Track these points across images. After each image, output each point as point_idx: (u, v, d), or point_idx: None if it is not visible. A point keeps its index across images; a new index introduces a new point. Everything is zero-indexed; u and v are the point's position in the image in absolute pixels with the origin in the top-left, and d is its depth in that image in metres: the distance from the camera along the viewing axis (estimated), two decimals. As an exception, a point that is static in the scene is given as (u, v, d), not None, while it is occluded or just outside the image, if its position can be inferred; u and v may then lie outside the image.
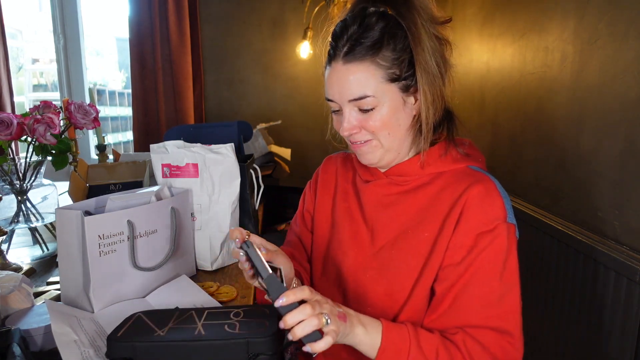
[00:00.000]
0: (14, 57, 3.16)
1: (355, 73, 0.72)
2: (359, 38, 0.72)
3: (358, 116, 0.75)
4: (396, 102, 0.74)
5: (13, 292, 0.80)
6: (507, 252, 0.71)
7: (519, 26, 1.66)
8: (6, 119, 1.05)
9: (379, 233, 0.81)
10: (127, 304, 0.86)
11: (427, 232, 0.76)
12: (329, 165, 0.97)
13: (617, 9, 1.18)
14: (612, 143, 1.21)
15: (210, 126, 1.59)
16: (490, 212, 0.72)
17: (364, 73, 0.72)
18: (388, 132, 0.76)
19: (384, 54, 0.72)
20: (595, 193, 1.28)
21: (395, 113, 0.74)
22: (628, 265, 1.10)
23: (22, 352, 0.64)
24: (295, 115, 2.66)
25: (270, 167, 2.09)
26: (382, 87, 0.73)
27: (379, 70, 0.72)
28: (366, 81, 0.72)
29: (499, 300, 0.70)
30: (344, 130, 0.76)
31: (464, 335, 0.69)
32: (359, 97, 0.73)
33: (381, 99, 0.73)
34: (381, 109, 0.74)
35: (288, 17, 2.62)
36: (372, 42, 0.71)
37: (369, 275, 0.80)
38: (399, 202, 0.80)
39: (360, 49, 0.72)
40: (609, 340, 1.18)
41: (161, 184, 1.06)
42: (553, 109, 1.47)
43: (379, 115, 0.74)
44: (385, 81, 0.72)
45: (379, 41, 0.71)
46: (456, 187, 0.75)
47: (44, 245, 1.17)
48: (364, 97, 0.73)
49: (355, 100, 0.73)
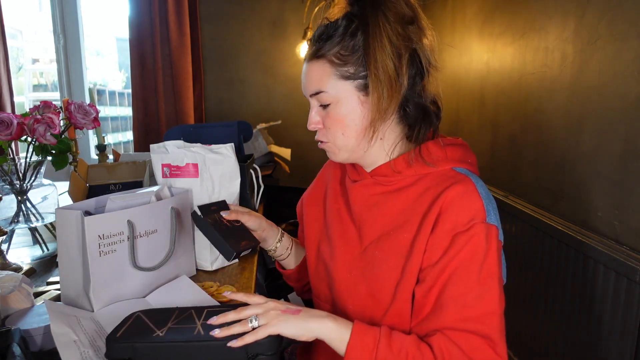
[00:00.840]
0: (14, 57, 3.16)
1: (313, 69, 0.78)
2: (323, 37, 0.77)
3: (321, 111, 0.80)
4: (351, 101, 0.76)
5: (13, 292, 0.80)
6: (485, 253, 0.69)
7: (519, 26, 1.66)
8: (6, 119, 1.05)
9: (365, 233, 0.81)
10: (127, 304, 0.86)
11: (406, 233, 0.76)
12: (326, 167, 1.00)
13: (617, 9, 1.18)
14: (612, 143, 1.21)
15: (210, 126, 1.59)
16: (467, 212, 0.71)
17: (319, 70, 0.77)
18: (342, 132, 0.78)
19: (340, 52, 0.75)
20: (595, 193, 1.28)
21: (351, 112, 0.77)
22: (628, 265, 1.10)
23: (22, 352, 0.64)
24: (295, 115, 2.67)
25: (270, 167, 2.09)
26: (335, 84, 0.76)
27: (332, 68, 0.75)
28: (320, 77, 0.77)
29: (476, 301, 0.68)
30: (308, 124, 0.82)
31: (440, 338, 0.68)
32: (315, 92, 0.78)
33: (336, 96, 0.76)
34: (337, 105, 0.77)
35: (288, 17, 2.62)
36: (333, 40, 0.75)
37: (353, 275, 0.81)
38: (383, 202, 0.80)
39: (322, 46, 0.76)
40: (609, 340, 1.18)
41: (161, 184, 1.06)
42: (553, 109, 1.47)
43: (335, 111, 0.77)
44: (338, 78, 0.76)
45: (338, 41, 0.75)
46: (436, 189, 0.75)
47: (44, 245, 1.17)
48: (319, 92, 0.77)
49: (313, 95, 0.79)
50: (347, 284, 0.82)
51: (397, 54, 0.72)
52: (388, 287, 0.76)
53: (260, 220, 0.95)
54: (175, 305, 0.84)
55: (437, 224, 0.72)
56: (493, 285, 0.69)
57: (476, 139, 2.03)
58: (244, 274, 1.07)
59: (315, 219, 0.93)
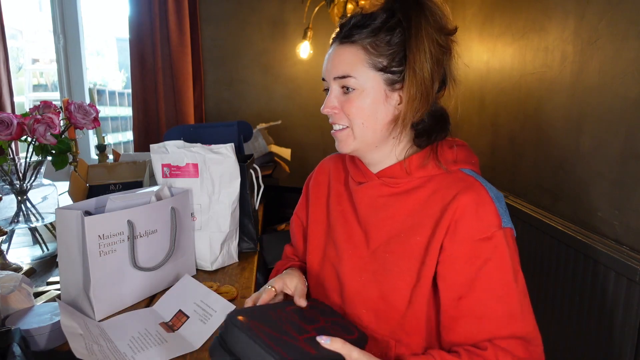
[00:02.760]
0: (14, 57, 3.16)
1: (344, 53, 0.76)
2: (359, 25, 0.76)
3: (340, 97, 0.78)
4: (377, 93, 0.76)
5: (13, 292, 0.80)
6: (512, 258, 0.72)
7: (519, 26, 1.66)
8: (6, 119, 1.05)
9: (373, 235, 0.81)
10: (133, 315, 0.86)
11: (418, 236, 0.76)
12: (322, 168, 0.97)
13: (617, 9, 1.18)
14: (612, 143, 1.21)
15: (210, 126, 1.59)
16: (484, 219, 0.72)
17: (351, 54, 0.76)
18: (362, 122, 0.77)
19: (376, 42, 0.74)
20: (595, 193, 1.28)
21: (374, 103, 0.76)
22: (628, 265, 1.10)
23: (22, 352, 0.64)
24: (295, 115, 2.66)
25: (270, 167, 2.09)
26: (366, 72, 0.75)
27: (366, 55, 0.75)
28: (351, 62, 0.75)
29: (519, 307, 0.70)
30: (325, 106, 0.79)
31: (494, 349, 0.68)
32: (341, 76, 0.76)
33: (363, 84, 0.75)
34: (361, 94, 0.76)
35: (288, 17, 2.62)
36: (369, 30, 0.75)
37: (364, 278, 0.80)
38: (391, 204, 0.80)
39: (356, 33, 0.76)
40: (609, 340, 1.18)
41: (161, 184, 1.06)
42: (553, 109, 1.47)
43: (358, 100, 0.76)
44: (369, 67, 0.75)
45: (375, 30, 0.74)
46: (447, 192, 0.75)
47: (44, 245, 1.17)
48: (346, 77, 0.76)
49: (339, 78, 0.77)
50: (358, 288, 0.80)
51: (435, 60, 0.73)
52: (402, 290, 0.75)
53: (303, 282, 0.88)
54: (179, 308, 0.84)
55: (454, 232, 0.72)
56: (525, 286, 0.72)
57: (476, 139, 2.03)
58: (244, 274, 1.07)
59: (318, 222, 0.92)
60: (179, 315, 0.84)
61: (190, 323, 0.82)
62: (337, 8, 2.11)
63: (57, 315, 0.76)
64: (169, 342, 0.77)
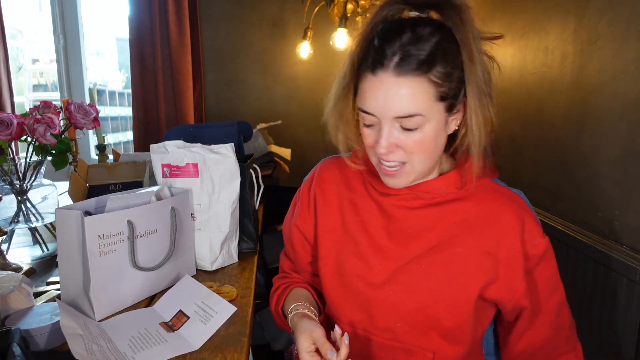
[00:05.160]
0: (14, 57, 3.15)
1: (407, 88, 0.65)
2: (412, 49, 0.64)
3: (399, 134, 0.68)
4: (440, 123, 0.68)
5: (13, 292, 0.80)
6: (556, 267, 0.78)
7: (519, 26, 1.66)
8: (6, 119, 1.05)
9: (409, 247, 0.77)
10: (134, 314, 0.86)
11: (459, 247, 0.74)
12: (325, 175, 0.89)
13: (617, 9, 1.18)
14: (612, 143, 1.21)
15: (210, 126, 1.58)
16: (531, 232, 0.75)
17: (417, 90, 0.65)
18: (425, 155, 0.70)
19: (437, 69, 0.65)
20: (595, 193, 1.28)
21: (437, 134, 0.69)
22: (628, 265, 1.10)
23: (22, 352, 0.64)
24: (295, 115, 2.66)
25: (270, 167, 2.09)
26: (432, 105, 0.66)
27: (432, 88, 0.65)
28: (418, 98, 0.65)
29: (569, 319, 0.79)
30: (382, 147, 0.69)
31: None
32: (407, 115, 0.66)
33: (429, 119, 0.67)
34: (425, 129, 0.67)
35: (288, 17, 2.62)
36: (426, 56, 0.64)
37: (397, 290, 0.76)
38: (427, 215, 0.77)
39: (413, 61, 0.64)
40: (609, 340, 1.18)
41: (161, 184, 1.06)
42: (553, 109, 1.47)
43: (422, 135, 0.68)
44: (435, 100, 0.66)
45: (432, 55, 0.64)
46: (489, 205, 0.76)
47: (44, 245, 1.17)
48: (413, 116, 0.66)
49: (401, 117, 0.66)
50: (392, 300, 0.76)
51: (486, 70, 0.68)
52: (443, 302, 0.74)
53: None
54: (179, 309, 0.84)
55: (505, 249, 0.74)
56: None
57: (476, 139, 2.03)
58: (244, 274, 1.07)
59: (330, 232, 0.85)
60: (179, 316, 0.84)
61: (191, 323, 0.82)
62: (337, 8, 2.11)
63: (57, 315, 0.76)
64: (169, 342, 0.77)
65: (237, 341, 0.78)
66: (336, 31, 2.13)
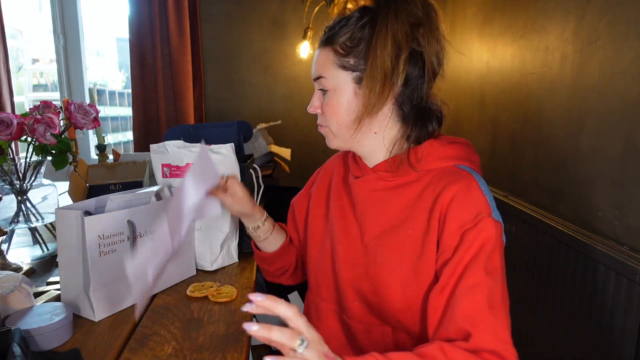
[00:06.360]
0: (14, 57, 3.16)
1: (320, 55, 0.81)
2: (334, 28, 0.79)
3: (320, 97, 0.82)
4: (347, 91, 0.78)
5: (13, 292, 0.80)
6: (493, 248, 0.70)
7: (519, 26, 1.66)
8: (6, 119, 1.05)
9: (366, 229, 0.81)
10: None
11: (410, 229, 0.76)
12: (329, 165, 0.99)
13: (617, 9, 1.18)
14: (612, 143, 1.21)
15: (210, 126, 1.59)
16: (472, 207, 0.72)
17: (324, 57, 0.79)
18: (336, 121, 0.80)
19: (346, 43, 0.77)
20: (595, 193, 1.28)
21: (346, 102, 0.79)
22: (628, 265, 1.10)
23: (22, 352, 0.64)
24: (295, 115, 2.66)
25: (270, 167, 2.09)
26: (335, 72, 0.78)
27: (335, 57, 0.78)
28: (324, 64, 0.79)
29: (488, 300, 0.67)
30: (310, 105, 0.84)
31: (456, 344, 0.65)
32: (316, 77, 0.81)
33: (334, 84, 0.79)
34: (333, 94, 0.79)
35: (288, 17, 2.62)
36: (342, 32, 0.78)
37: (357, 272, 0.81)
38: (386, 198, 0.81)
39: (333, 35, 0.79)
40: (609, 340, 1.18)
41: (161, 184, 1.06)
42: (553, 108, 1.47)
43: (331, 100, 0.80)
44: (337, 67, 0.78)
45: (347, 31, 0.77)
46: (437, 185, 0.75)
47: (44, 245, 1.17)
48: (320, 77, 0.80)
49: (315, 79, 0.81)
50: (352, 282, 0.82)
51: (397, 53, 0.73)
52: (394, 284, 0.76)
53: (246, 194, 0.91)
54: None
55: (445, 223, 0.72)
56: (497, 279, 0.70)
57: (476, 138, 2.03)
58: (244, 274, 1.07)
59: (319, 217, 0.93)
60: None
61: None
62: (337, 8, 2.11)
63: (57, 315, 0.76)
64: None
65: (237, 341, 0.78)
66: (336, 31, 2.12)
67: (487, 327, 0.65)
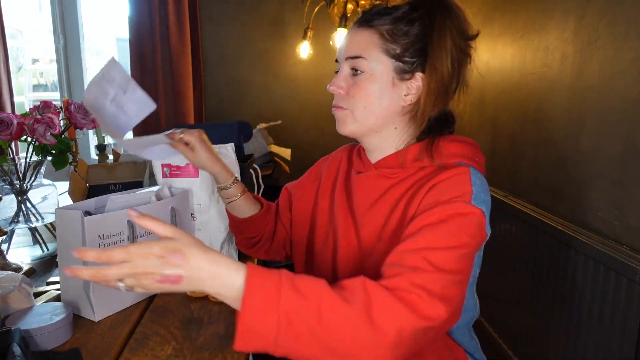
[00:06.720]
0: (14, 57, 3.16)
1: (360, 35, 0.78)
2: (380, 12, 0.77)
3: (348, 78, 0.79)
4: (385, 79, 0.77)
5: (13, 292, 0.80)
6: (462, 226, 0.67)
7: (519, 26, 1.66)
8: (6, 119, 1.05)
9: (364, 224, 0.81)
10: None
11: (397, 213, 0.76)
12: (335, 156, 0.98)
13: (617, 9, 1.18)
14: (612, 143, 1.21)
15: (210, 126, 1.58)
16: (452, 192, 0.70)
17: (367, 37, 0.77)
18: (365, 106, 0.77)
19: (394, 30, 0.75)
20: (595, 193, 1.28)
21: (381, 89, 0.77)
22: (628, 265, 1.10)
23: (22, 352, 0.64)
24: (295, 115, 2.66)
25: (270, 167, 2.09)
26: (378, 56, 0.76)
27: (381, 40, 0.76)
28: (366, 44, 0.76)
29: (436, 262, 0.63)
30: (332, 83, 0.80)
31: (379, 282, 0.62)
32: (354, 56, 0.77)
33: (373, 67, 0.76)
34: (369, 78, 0.77)
35: (288, 17, 2.62)
36: (389, 17, 0.76)
37: (354, 269, 0.81)
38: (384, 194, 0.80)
39: (376, 18, 0.77)
40: (609, 340, 1.18)
41: (161, 184, 1.06)
42: (553, 109, 1.47)
43: (365, 83, 0.77)
44: (382, 52, 0.76)
45: (396, 19, 0.76)
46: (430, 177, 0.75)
47: (44, 245, 1.17)
48: (358, 57, 0.77)
49: (350, 58, 0.78)
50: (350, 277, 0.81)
51: (455, 60, 0.75)
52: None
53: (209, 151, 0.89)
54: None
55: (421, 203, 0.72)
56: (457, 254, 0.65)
57: (476, 138, 2.02)
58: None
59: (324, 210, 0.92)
60: None
61: None
62: (337, 8, 2.11)
63: (57, 315, 0.76)
64: None
65: (237, 341, 0.78)
66: (336, 31, 2.13)
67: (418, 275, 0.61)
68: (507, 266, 1.68)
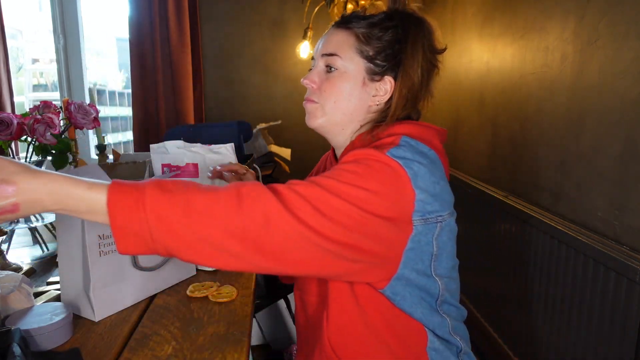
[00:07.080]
0: (14, 57, 3.16)
1: (337, 35, 0.83)
2: (358, 16, 0.83)
3: (322, 74, 0.83)
4: (356, 77, 0.81)
5: (13, 292, 0.80)
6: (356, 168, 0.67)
7: (519, 26, 1.66)
8: (6, 119, 1.05)
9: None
10: None
11: None
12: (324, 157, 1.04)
13: (617, 9, 1.18)
14: (612, 143, 1.21)
15: (210, 126, 1.59)
16: (362, 152, 0.70)
17: (343, 37, 0.82)
18: (334, 101, 0.81)
19: (368, 34, 0.80)
20: (595, 193, 1.28)
21: (351, 87, 0.81)
22: (628, 265, 1.10)
23: (22, 352, 0.64)
24: (295, 115, 2.67)
25: (270, 167, 2.09)
26: (352, 55, 0.80)
27: (356, 41, 0.80)
28: (342, 43, 0.81)
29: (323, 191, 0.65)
30: (306, 77, 0.84)
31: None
32: (329, 53, 0.81)
33: (346, 65, 0.80)
34: (342, 75, 0.81)
35: (288, 17, 2.62)
36: (366, 22, 0.81)
37: None
38: None
39: (354, 21, 0.82)
40: (609, 340, 1.18)
41: (161, 184, 1.05)
42: (553, 109, 1.47)
43: (338, 80, 0.81)
44: (356, 52, 0.80)
45: (371, 24, 0.81)
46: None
47: (44, 245, 1.17)
48: (333, 55, 0.81)
49: (326, 55, 0.82)
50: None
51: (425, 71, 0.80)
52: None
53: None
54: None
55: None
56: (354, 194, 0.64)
57: (476, 138, 2.03)
58: (244, 274, 1.07)
59: None
60: None
61: None
62: (337, 8, 2.11)
63: (57, 315, 0.76)
64: None
65: (237, 341, 0.78)
66: (336, 31, 2.13)
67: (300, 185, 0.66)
68: (507, 266, 1.68)
